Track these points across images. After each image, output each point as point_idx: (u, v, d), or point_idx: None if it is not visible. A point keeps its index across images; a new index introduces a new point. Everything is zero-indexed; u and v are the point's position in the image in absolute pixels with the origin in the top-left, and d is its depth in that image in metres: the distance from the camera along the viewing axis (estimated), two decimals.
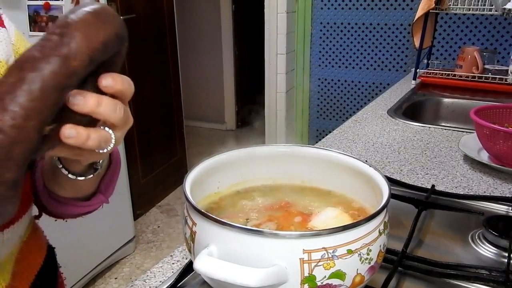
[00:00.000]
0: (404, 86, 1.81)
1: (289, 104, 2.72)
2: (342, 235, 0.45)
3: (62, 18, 0.35)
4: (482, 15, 2.02)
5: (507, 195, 0.85)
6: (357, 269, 0.46)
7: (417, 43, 1.84)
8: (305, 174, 0.67)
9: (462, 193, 0.86)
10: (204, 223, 0.48)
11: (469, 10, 1.70)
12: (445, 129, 1.27)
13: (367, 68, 2.45)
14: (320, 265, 0.44)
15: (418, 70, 1.85)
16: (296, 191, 0.66)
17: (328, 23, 2.47)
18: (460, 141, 1.07)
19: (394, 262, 0.61)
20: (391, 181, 0.86)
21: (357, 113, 1.45)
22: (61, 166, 0.51)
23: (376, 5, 2.31)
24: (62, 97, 0.34)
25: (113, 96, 0.40)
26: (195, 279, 0.61)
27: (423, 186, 0.87)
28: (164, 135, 2.85)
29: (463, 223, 0.77)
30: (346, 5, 2.38)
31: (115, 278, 2.14)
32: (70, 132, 0.36)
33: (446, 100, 1.63)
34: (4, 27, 0.58)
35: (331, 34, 2.48)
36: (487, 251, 0.68)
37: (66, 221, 0.66)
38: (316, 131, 2.75)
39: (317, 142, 1.21)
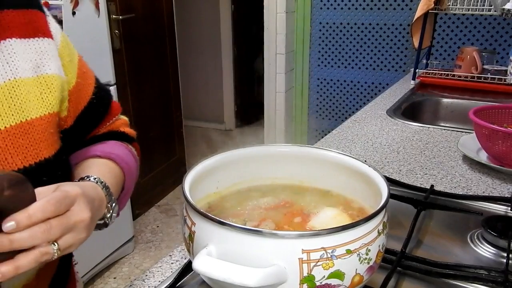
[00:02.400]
0: (403, 86, 1.81)
1: (288, 104, 2.72)
2: (341, 235, 0.45)
3: None
4: (481, 15, 2.02)
5: (506, 195, 0.85)
6: (356, 269, 0.46)
7: (416, 43, 1.84)
8: (304, 174, 0.67)
9: (461, 193, 0.86)
10: (203, 223, 0.48)
11: (468, 11, 1.70)
12: (444, 129, 1.27)
13: (366, 68, 2.45)
14: (319, 265, 0.44)
15: (417, 70, 1.85)
16: (295, 191, 0.66)
17: (327, 23, 2.47)
18: (459, 141, 1.07)
19: (393, 262, 0.61)
20: (390, 181, 0.86)
21: (356, 113, 1.45)
22: None
23: (375, 5, 2.31)
24: None
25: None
26: (194, 279, 0.61)
27: (422, 186, 0.88)
28: (163, 135, 2.85)
29: (462, 223, 0.77)
30: (346, 5, 2.38)
31: (114, 278, 2.14)
32: None
33: (445, 100, 1.63)
34: (51, 37, 0.58)
35: (330, 34, 2.49)
36: (486, 251, 0.68)
37: None
38: (315, 131, 2.75)
39: (316, 142, 1.22)
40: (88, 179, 0.57)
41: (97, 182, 0.57)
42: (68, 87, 0.60)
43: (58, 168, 0.56)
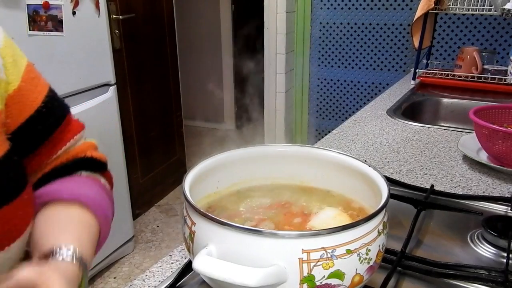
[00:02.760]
0: (403, 86, 1.81)
1: (289, 104, 2.72)
2: (341, 235, 0.45)
3: None
4: (482, 15, 2.02)
5: (506, 195, 0.85)
6: (356, 269, 0.46)
7: (416, 43, 1.84)
8: (304, 174, 0.67)
9: (461, 193, 0.86)
10: (203, 223, 0.48)
11: (468, 10, 1.70)
12: (444, 129, 1.27)
13: (367, 68, 2.45)
14: (319, 265, 0.44)
15: (417, 70, 1.85)
16: (295, 191, 0.66)
17: (327, 23, 2.47)
18: (459, 141, 1.07)
19: (393, 262, 0.61)
20: (390, 181, 0.86)
21: (356, 113, 1.45)
22: None
23: (375, 5, 2.31)
24: None
25: None
26: (194, 278, 0.61)
27: (422, 186, 0.88)
28: (163, 134, 2.85)
29: (462, 223, 0.77)
30: (346, 5, 2.38)
31: (114, 278, 2.14)
32: None
33: (445, 100, 1.63)
34: None
35: (330, 34, 2.49)
36: (486, 251, 0.68)
37: None
38: (316, 131, 2.75)
39: (316, 142, 1.22)
40: (67, 255, 0.49)
41: (73, 259, 0.50)
42: (7, 90, 0.55)
43: (9, 169, 0.51)
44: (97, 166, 0.65)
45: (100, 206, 0.59)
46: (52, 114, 0.61)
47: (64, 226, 0.54)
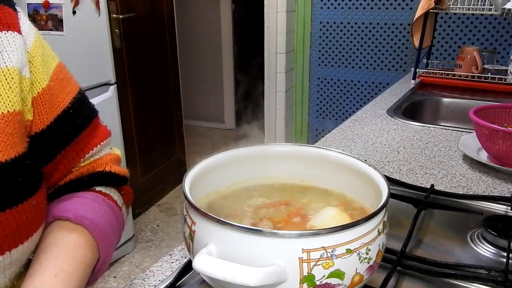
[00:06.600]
0: (403, 86, 1.81)
1: (289, 104, 2.72)
2: (341, 234, 0.45)
3: None
4: (482, 15, 2.02)
5: (506, 195, 0.85)
6: (356, 269, 0.46)
7: (416, 42, 1.84)
8: (304, 173, 0.67)
9: (461, 192, 0.86)
10: (203, 222, 0.48)
11: (468, 10, 1.70)
12: (445, 129, 1.27)
13: (367, 68, 2.45)
14: (319, 265, 0.44)
15: (417, 69, 1.85)
16: (295, 190, 0.66)
17: (327, 23, 2.47)
18: (460, 141, 1.07)
19: (393, 261, 0.61)
20: (390, 180, 0.86)
21: (356, 112, 1.45)
22: None
23: (376, 4, 2.31)
24: None
25: None
26: (194, 278, 0.61)
27: (422, 185, 0.88)
28: (163, 134, 2.85)
29: (462, 223, 0.77)
30: (346, 4, 2.38)
31: (114, 277, 2.14)
32: None
33: (445, 99, 1.63)
34: (20, 33, 0.54)
35: (330, 34, 2.49)
36: (486, 250, 0.68)
37: None
38: (316, 131, 2.75)
39: (316, 142, 1.22)
40: None
41: None
42: (33, 90, 0.55)
43: (18, 174, 0.50)
44: (114, 180, 0.64)
45: (100, 230, 0.58)
46: (79, 116, 0.60)
47: (49, 265, 0.52)
